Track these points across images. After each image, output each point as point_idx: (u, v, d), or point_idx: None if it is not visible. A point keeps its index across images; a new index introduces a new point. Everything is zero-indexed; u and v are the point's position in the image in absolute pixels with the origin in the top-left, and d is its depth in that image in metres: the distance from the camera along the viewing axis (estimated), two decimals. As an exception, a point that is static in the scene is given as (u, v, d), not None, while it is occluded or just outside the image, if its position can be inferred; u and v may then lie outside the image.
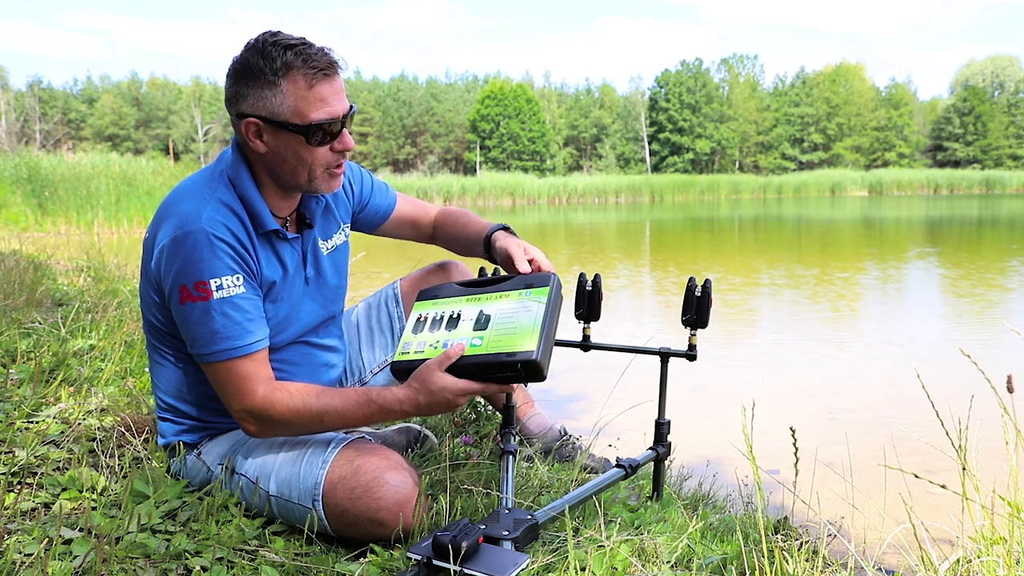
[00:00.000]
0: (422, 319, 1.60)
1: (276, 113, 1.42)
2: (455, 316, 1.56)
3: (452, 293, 1.64)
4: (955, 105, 60.39)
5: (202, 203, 1.44)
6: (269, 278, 1.53)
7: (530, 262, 1.66)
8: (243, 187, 1.49)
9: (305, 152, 1.45)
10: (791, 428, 1.43)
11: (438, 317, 1.58)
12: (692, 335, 1.74)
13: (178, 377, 1.59)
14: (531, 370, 1.40)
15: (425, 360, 1.46)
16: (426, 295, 1.67)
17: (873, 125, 58.71)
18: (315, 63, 1.40)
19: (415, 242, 1.99)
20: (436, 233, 1.94)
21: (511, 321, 1.48)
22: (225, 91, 1.48)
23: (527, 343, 1.42)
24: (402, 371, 1.49)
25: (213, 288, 1.40)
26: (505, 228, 1.79)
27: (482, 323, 1.51)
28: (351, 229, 1.84)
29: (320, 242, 1.67)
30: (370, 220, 1.88)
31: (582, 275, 1.83)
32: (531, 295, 1.53)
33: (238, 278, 1.44)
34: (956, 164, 57.59)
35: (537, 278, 1.56)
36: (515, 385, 2.02)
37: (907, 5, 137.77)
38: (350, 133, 1.52)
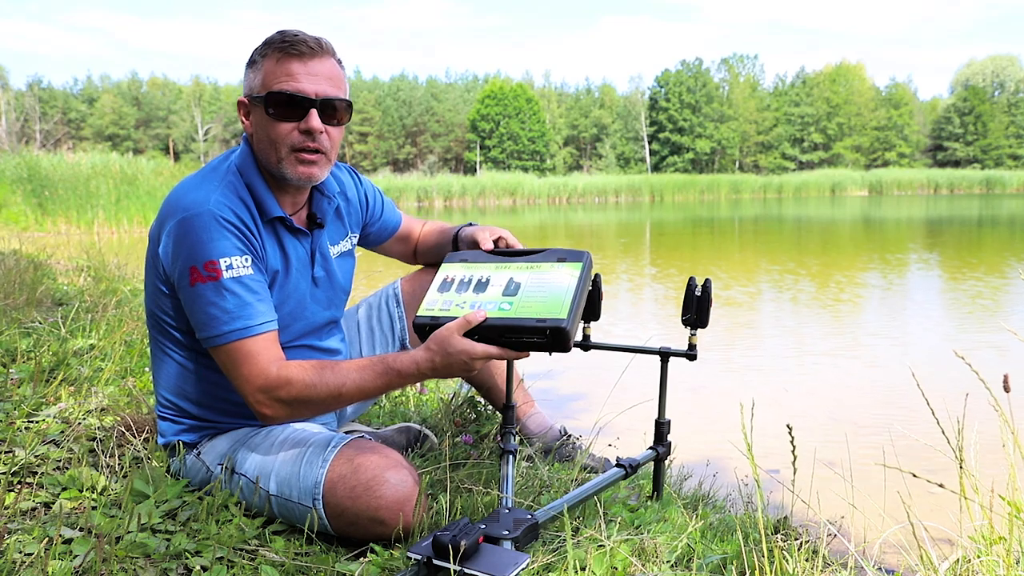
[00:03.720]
0: (449, 279, 1.60)
1: (252, 88, 1.49)
2: (484, 280, 1.56)
3: (481, 259, 1.64)
4: (955, 105, 60.37)
5: (210, 189, 1.46)
6: (272, 267, 1.54)
7: (497, 241, 1.71)
8: (249, 176, 1.51)
9: (270, 127, 1.48)
10: (788, 425, 1.43)
11: (466, 279, 1.58)
12: (692, 335, 1.74)
13: (180, 373, 1.59)
14: (559, 338, 1.41)
15: (450, 318, 1.46)
16: (454, 258, 1.67)
17: (873, 125, 58.69)
18: (290, 42, 1.46)
19: (400, 260, 2.04)
20: (418, 249, 1.99)
21: (542, 290, 1.49)
22: None
23: (558, 311, 1.43)
24: (424, 327, 1.49)
25: (223, 267, 1.41)
26: (471, 224, 1.83)
27: (512, 289, 1.51)
28: (360, 243, 1.87)
29: (329, 245, 1.68)
30: (377, 236, 1.92)
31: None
32: (564, 268, 1.54)
33: (247, 259, 1.44)
34: (956, 164, 57.57)
35: (570, 253, 1.58)
36: (516, 381, 2.04)
37: (907, 5, 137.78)
38: (339, 125, 1.53)
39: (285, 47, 1.46)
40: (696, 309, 1.71)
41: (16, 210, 13.12)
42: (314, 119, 1.47)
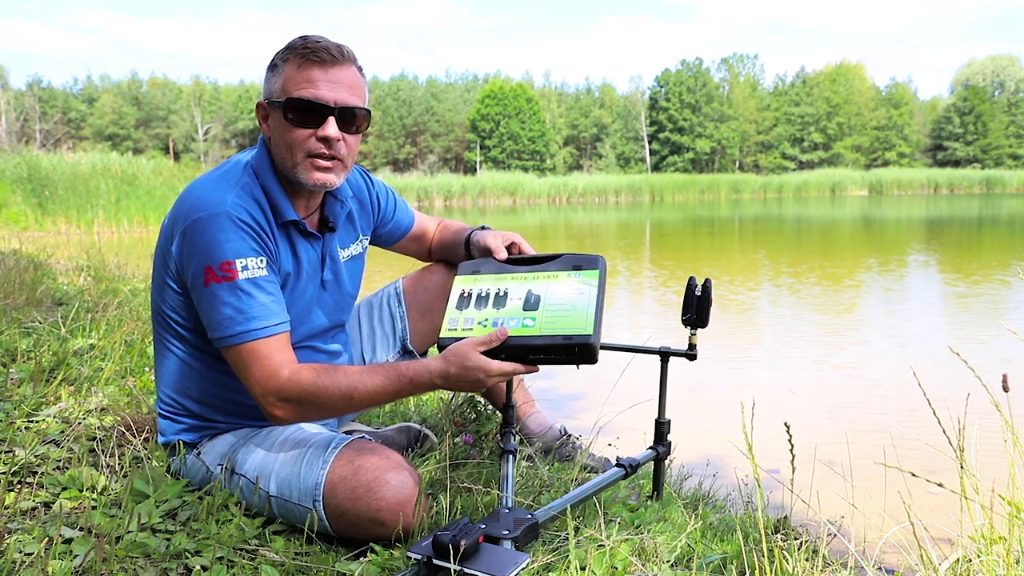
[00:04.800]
0: (466, 295, 1.59)
1: (271, 93, 1.49)
2: (502, 294, 1.56)
3: (495, 270, 1.63)
4: (955, 104, 60.36)
5: (226, 189, 1.46)
6: (284, 269, 1.54)
7: (509, 247, 1.71)
8: (265, 178, 1.51)
9: (288, 132, 1.48)
10: (785, 424, 1.43)
11: (483, 294, 1.57)
12: (692, 335, 1.73)
13: (182, 370, 1.59)
14: (586, 353, 1.43)
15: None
16: (467, 270, 1.66)
17: (873, 124, 58.68)
18: (312, 49, 1.46)
19: (415, 258, 2.04)
20: (433, 249, 1.99)
21: (564, 303, 1.49)
22: None
23: (583, 326, 1.44)
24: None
25: (239, 268, 1.41)
26: (484, 228, 1.83)
27: (532, 303, 1.51)
28: (372, 242, 1.87)
29: (339, 249, 1.68)
30: (390, 236, 1.91)
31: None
32: (581, 277, 1.54)
33: (262, 260, 1.44)
34: (956, 164, 57.56)
35: (585, 260, 1.57)
36: (517, 380, 2.04)
37: (907, 5, 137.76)
38: (356, 133, 1.53)
39: (307, 53, 1.45)
40: (696, 309, 1.71)
41: (16, 210, 13.12)
42: (331, 127, 1.47)
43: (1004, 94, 61.98)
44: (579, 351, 1.43)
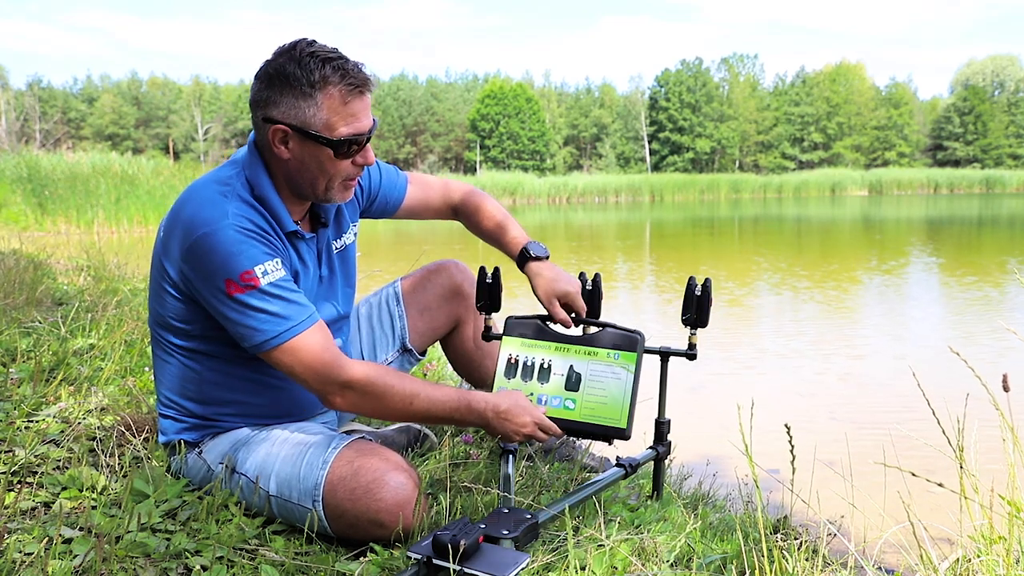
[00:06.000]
0: (513, 361, 1.75)
1: (308, 124, 1.43)
2: (545, 366, 1.72)
3: (540, 336, 1.75)
4: (955, 104, 60.34)
5: (224, 201, 1.45)
6: (293, 269, 1.56)
7: (563, 300, 1.77)
8: (261, 188, 1.50)
9: (329, 164, 1.48)
10: (786, 425, 1.43)
11: (528, 363, 1.74)
12: (692, 334, 1.74)
13: (182, 373, 1.59)
14: (619, 437, 1.66)
15: None
16: (514, 330, 1.77)
17: (873, 124, 58.65)
18: (352, 79, 1.43)
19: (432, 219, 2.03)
20: (460, 218, 1.98)
21: (602, 388, 1.67)
22: (253, 93, 1.48)
23: (619, 417, 1.65)
24: None
25: (259, 275, 1.41)
26: (534, 256, 1.82)
27: (573, 383, 1.70)
28: (362, 217, 1.86)
29: (332, 241, 1.69)
30: (381, 211, 1.90)
31: (582, 274, 1.84)
32: (620, 359, 1.68)
33: (277, 262, 1.45)
34: (956, 163, 57.54)
35: (625, 339, 1.69)
36: None
37: (907, 5, 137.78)
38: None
39: (350, 85, 1.42)
40: (696, 309, 1.71)
41: (16, 210, 13.11)
42: (370, 153, 1.52)
43: (1004, 94, 61.96)
44: (613, 438, 1.65)
